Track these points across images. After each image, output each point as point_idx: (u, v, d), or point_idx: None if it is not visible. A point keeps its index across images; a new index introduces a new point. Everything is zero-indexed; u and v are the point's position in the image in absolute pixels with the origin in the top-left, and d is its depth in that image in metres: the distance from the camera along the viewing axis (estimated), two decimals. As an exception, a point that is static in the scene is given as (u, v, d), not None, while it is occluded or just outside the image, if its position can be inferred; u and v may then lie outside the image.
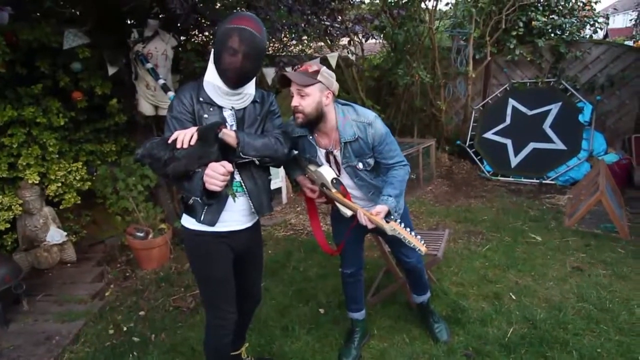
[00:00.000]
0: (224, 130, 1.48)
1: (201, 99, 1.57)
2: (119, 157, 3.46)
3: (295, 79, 1.64)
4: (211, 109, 1.57)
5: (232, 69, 1.48)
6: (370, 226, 1.67)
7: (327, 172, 1.81)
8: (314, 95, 1.67)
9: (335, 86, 1.72)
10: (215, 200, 1.54)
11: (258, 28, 1.49)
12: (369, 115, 1.75)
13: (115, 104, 3.29)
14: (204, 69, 1.59)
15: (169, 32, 3.17)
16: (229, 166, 1.41)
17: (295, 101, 1.67)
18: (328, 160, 1.84)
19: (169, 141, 1.44)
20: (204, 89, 1.58)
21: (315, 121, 1.71)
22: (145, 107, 3.20)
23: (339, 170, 1.85)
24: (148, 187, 3.36)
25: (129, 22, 3.35)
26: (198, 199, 1.51)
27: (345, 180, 1.86)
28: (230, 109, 1.60)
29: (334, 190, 1.80)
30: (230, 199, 1.60)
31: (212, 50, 1.54)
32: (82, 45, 2.79)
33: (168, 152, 1.42)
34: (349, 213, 1.80)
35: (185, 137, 1.42)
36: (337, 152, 1.81)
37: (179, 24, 3.29)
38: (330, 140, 1.80)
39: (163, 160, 1.43)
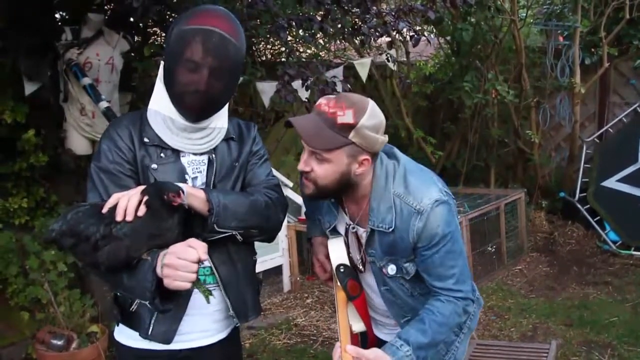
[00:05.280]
0: (188, 190, 1.46)
1: (146, 140, 1.57)
2: (32, 218, 3.49)
3: (310, 140, 1.53)
4: (162, 155, 1.58)
5: (193, 91, 1.48)
6: None
7: (336, 251, 1.70)
8: (339, 162, 1.54)
9: (380, 143, 1.58)
10: (174, 304, 1.47)
11: (232, 29, 1.50)
12: (426, 196, 1.59)
13: (33, 137, 3.36)
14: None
15: (118, 31, 3.29)
16: (202, 249, 1.37)
17: (306, 165, 1.57)
18: (348, 237, 1.74)
19: (104, 210, 1.41)
20: (149, 123, 1.59)
21: (333, 194, 1.64)
22: (78, 143, 3.27)
23: (363, 264, 1.73)
24: (74, 265, 3.35)
25: (58, 16, 3.50)
26: (147, 303, 1.43)
27: (369, 279, 1.75)
28: (193, 154, 1.60)
29: (337, 285, 1.71)
30: (198, 299, 1.53)
31: (162, 63, 1.56)
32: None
33: (103, 226, 1.39)
34: (355, 328, 1.72)
35: (129, 203, 1.39)
36: (362, 233, 1.70)
37: (132, 19, 3.44)
38: (360, 209, 1.68)
39: (94, 241, 1.39)
